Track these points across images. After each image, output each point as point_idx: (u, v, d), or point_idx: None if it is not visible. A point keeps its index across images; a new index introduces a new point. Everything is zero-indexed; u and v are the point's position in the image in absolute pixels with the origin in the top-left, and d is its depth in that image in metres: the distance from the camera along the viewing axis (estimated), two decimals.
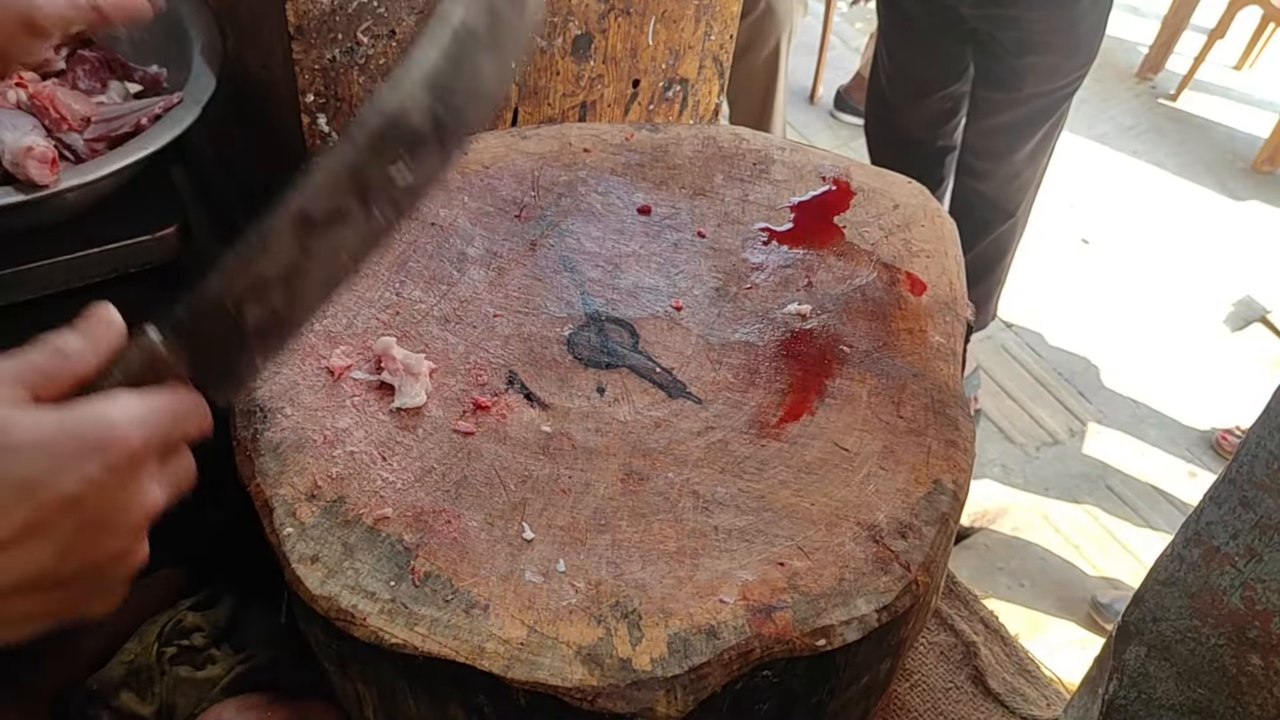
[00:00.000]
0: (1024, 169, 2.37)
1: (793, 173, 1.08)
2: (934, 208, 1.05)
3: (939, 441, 0.82)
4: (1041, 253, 3.18)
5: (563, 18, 1.22)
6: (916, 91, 2.39)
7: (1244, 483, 0.63)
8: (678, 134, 1.12)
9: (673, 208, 1.03)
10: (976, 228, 2.44)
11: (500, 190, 1.02)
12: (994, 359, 2.90)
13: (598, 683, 0.65)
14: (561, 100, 1.29)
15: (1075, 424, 2.75)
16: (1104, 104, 3.98)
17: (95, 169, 1.06)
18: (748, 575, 0.71)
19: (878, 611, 0.70)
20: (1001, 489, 2.56)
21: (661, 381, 0.86)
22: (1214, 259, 3.33)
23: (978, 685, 1.03)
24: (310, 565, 0.69)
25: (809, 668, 0.70)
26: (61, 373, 0.55)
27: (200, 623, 0.96)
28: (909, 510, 0.77)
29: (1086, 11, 2.06)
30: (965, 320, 0.95)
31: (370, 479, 0.75)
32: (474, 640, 0.66)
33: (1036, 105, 2.24)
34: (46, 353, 0.55)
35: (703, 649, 0.67)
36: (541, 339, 0.89)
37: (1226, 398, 2.85)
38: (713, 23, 1.36)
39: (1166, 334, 3.05)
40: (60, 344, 0.56)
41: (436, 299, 0.91)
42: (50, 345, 0.56)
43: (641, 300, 0.93)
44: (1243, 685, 0.66)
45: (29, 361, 0.55)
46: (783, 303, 0.94)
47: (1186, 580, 0.68)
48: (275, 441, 0.77)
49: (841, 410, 0.84)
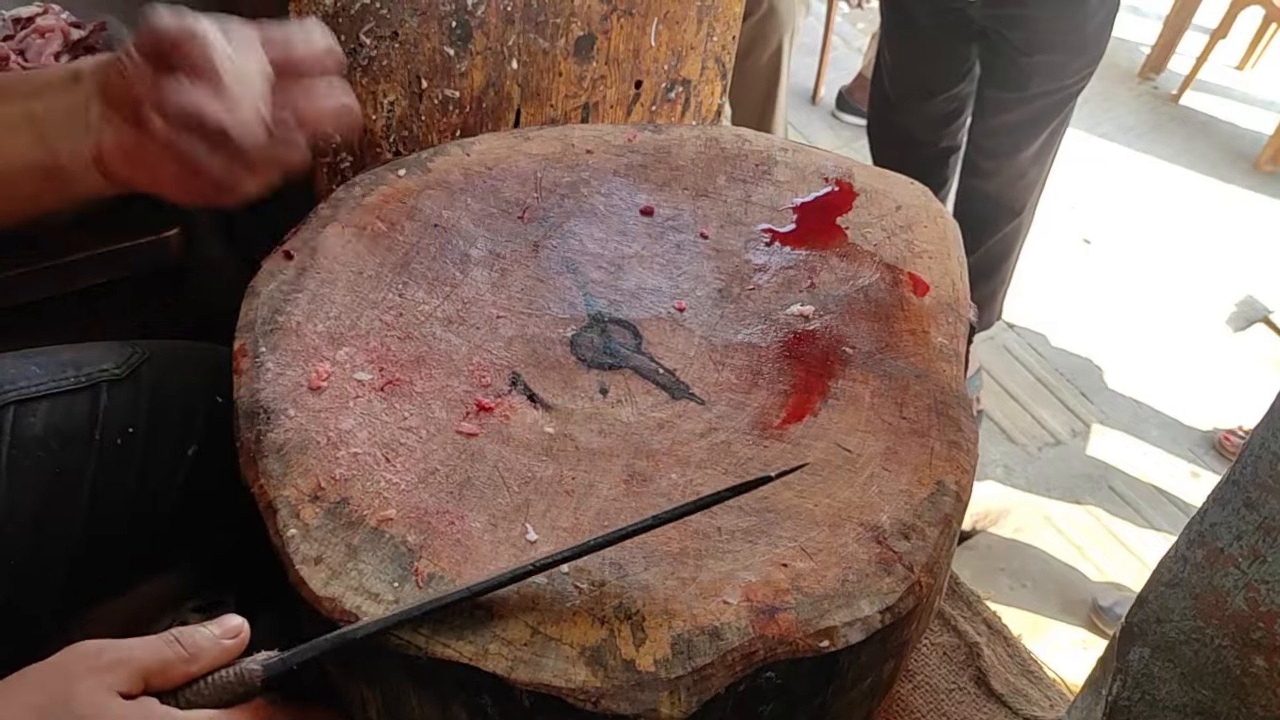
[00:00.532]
0: (1030, 168, 2.36)
1: (795, 174, 1.08)
2: (936, 208, 1.05)
3: (942, 442, 0.82)
4: (1044, 253, 3.17)
5: (565, 19, 1.22)
6: (920, 92, 2.38)
7: (1248, 484, 0.63)
8: (680, 135, 1.12)
9: (675, 209, 1.03)
10: (982, 227, 2.44)
11: (503, 192, 1.02)
12: (996, 359, 2.89)
13: (601, 684, 0.65)
14: (564, 101, 1.30)
15: (1078, 424, 2.75)
16: (1106, 104, 3.98)
17: None
18: (751, 576, 0.71)
19: (881, 612, 0.70)
20: (1004, 489, 2.55)
21: (664, 383, 0.86)
22: (1216, 259, 3.32)
23: (980, 686, 1.03)
24: (314, 566, 0.69)
25: (812, 669, 0.70)
26: (177, 671, 0.62)
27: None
28: (912, 511, 0.77)
29: (1095, 9, 2.06)
30: (968, 321, 0.95)
31: (374, 480, 0.75)
32: (478, 641, 0.66)
33: (1043, 104, 2.23)
34: (176, 651, 0.63)
35: (706, 650, 0.67)
36: (544, 340, 0.89)
37: (1229, 398, 2.84)
38: (715, 24, 1.36)
39: (1169, 334, 3.04)
40: (192, 646, 0.63)
41: (440, 300, 0.91)
42: (184, 644, 0.63)
43: (644, 301, 0.93)
44: (1246, 686, 0.66)
45: (159, 654, 0.62)
46: (785, 304, 0.94)
47: (1190, 581, 0.68)
48: (279, 443, 0.77)
49: (844, 411, 0.85)
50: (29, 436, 0.82)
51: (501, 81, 1.22)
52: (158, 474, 0.89)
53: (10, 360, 0.87)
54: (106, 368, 0.88)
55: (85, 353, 0.90)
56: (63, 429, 0.84)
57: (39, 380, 0.85)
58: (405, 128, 1.19)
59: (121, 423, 0.87)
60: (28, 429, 0.83)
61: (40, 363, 0.87)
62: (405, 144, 1.20)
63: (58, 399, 0.85)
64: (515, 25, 1.18)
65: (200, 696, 0.63)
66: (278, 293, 0.88)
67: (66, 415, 0.85)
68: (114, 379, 0.88)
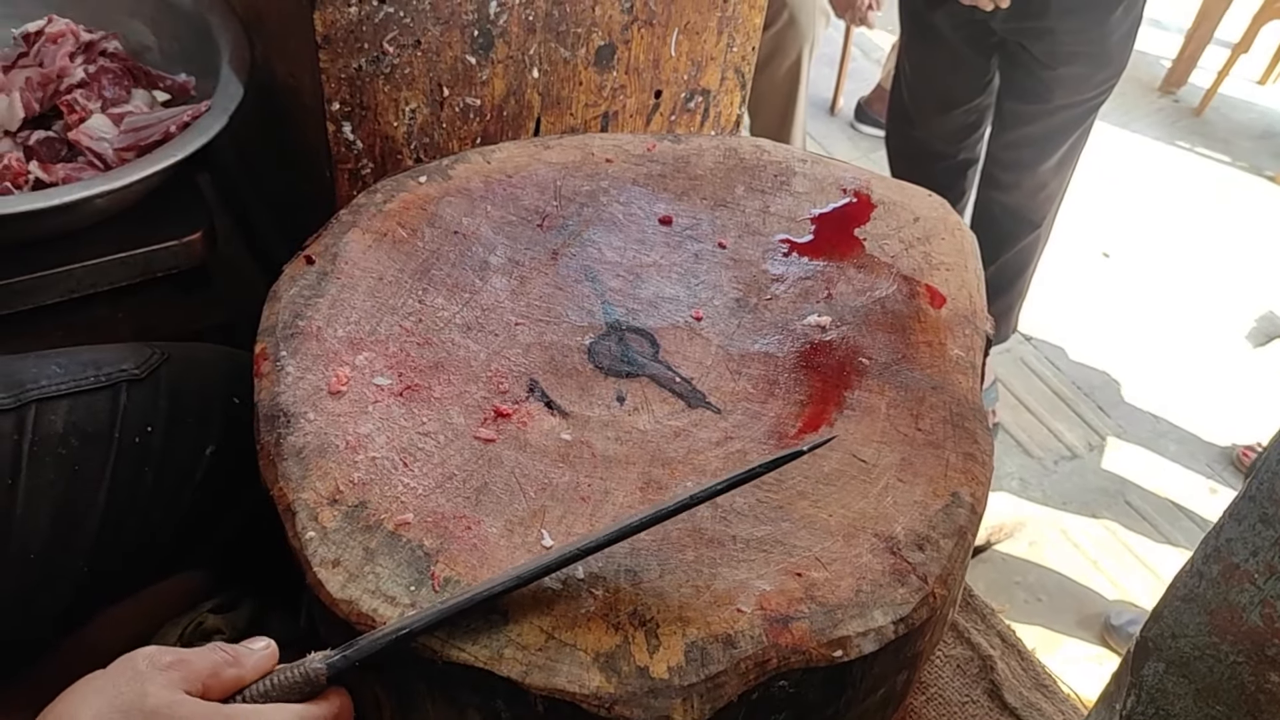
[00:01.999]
0: (1050, 180, 2.36)
1: (813, 185, 1.08)
2: (954, 220, 1.06)
3: (957, 454, 0.82)
4: (1062, 266, 3.16)
5: (586, 29, 1.23)
6: (940, 105, 2.38)
7: (1264, 499, 0.63)
8: (699, 145, 1.12)
9: (694, 218, 1.03)
10: (1001, 240, 2.43)
11: (523, 199, 1.03)
12: (1013, 372, 2.88)
13: (615, 690, 0.65)
14: (584, 110, 1.30)
15: (1094, 438, 2.74)
16: (1127, 118, 3.96)
17: (124, 175, 1.08)
18: (765, 585, 0.71)
19: (894, 623, 0.70)
20: (1019, 502, 2.54)
21: (681, 391, 0.87)
22: (1236, 274, 3.30)
23: (994, 699, 1.03)
24: (332, 569, 0.70)
25: (825, 678, 0.70)
26: (229, 676, 0.64)
27: (221, 625, 0.97)
28: (926, 522, 0.77)
29: (1119, 22, 2.05)
30: (984, 333, 0.95)
31: (392, 484, 0.76)
32: (492, 646, 0.66)
33: (1064, 116, 2.23)
34: (225, 657, 0.64)
35: (720, 658, 0.67)
36: (562, 347, 0.89)
37: (1248, 414, 2.82)
38: (735, 34, 1.36)
39: (1187, 349, 3.03)
40: (237, 654, 0.65)
41: (459, 307, 0.91)
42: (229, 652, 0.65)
43: (662, 310, 0.94)
44: (1261, 703, 0.66)
45: (210, 659, 0.64)
46: (802, 314, 0.94)
47: (1206, 597, 0.67)
48: (298, 446, 0.77)
49: (860, 422, 0.85)
50: (49, 434, 0.84)
51: (523, 90, 1.23)
52: (175, 473, 0.90)
53: (32, 360, 0.88)
54: (126, 368, 0.89)
55: (106, 353, 0.91)
56: (83, 427, 0.85)
57: (60, 379, 0.86)
58: (427, 135, 1.20)
59: (140, 422, 0.88)
60: (48, 427, 0.84)
61: (61, 362, 0.88)
62: (426, 151, 1.21)
63: (78, 398, 0.86)
64: (537, 34, 1.19)
65: (265, 697, 0.64)
66: (299, 297, 0.89)
67: (87, 414, 0.86)
68: (134, 379, 0.89)
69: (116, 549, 0.87)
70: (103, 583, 0.89)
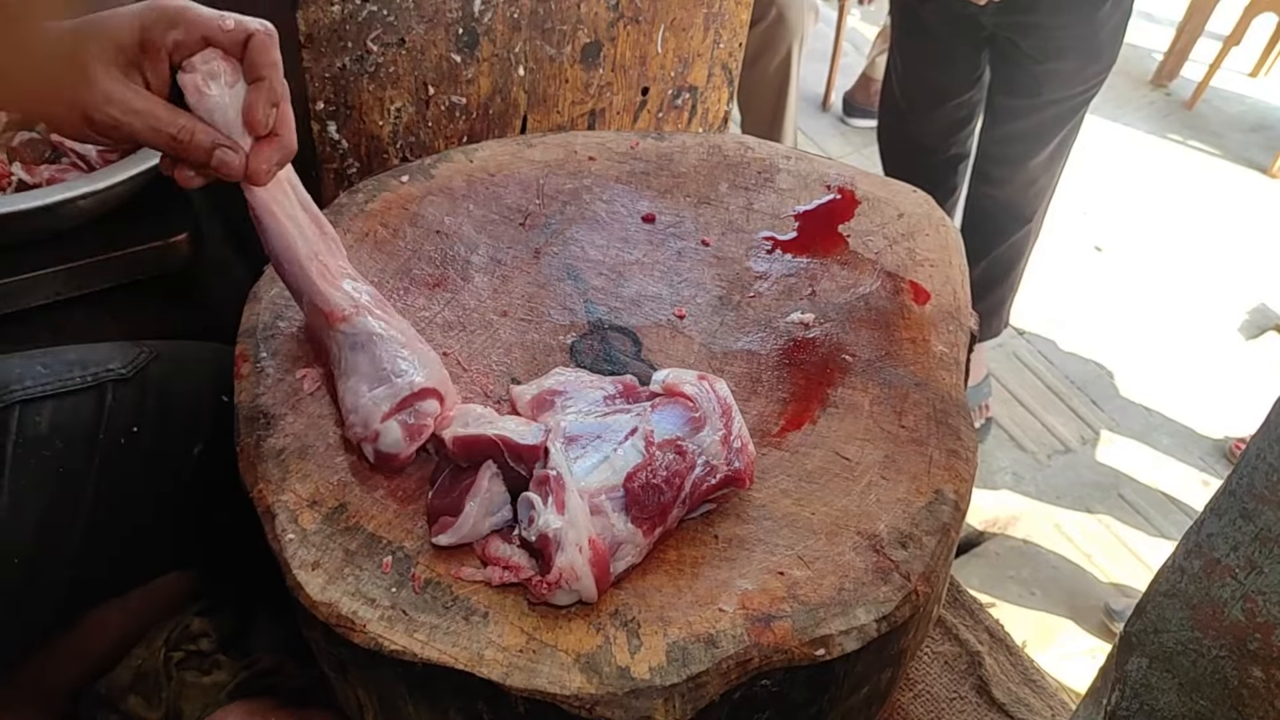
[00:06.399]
0: (1041, 174, 2.35)
1: (798, 181, 1.08)
2: (939, 216, 1.05)
3: (941, 451, 0.82)
4: (1054, 260, 3.16)
5: (572, 26, 1.22)
6: (931, 99, 2.37)
7: (1244, 494, 0.63)
8: (683, 142, 1.12)
9: (677, 216, 1.03)
10: (992, 235, 2.43)
11: (505, 198, 1.02)
12: (1006, 366, 2.88)
13: (596, 691, 0.65)
14: (571, 108, 1.30)
15: (1088, 432, 2.74)
16: (1118, 111, 3.96)
17: (107, 177, 1.07)
18: (747, 584, 0.71)
19: (877, 621, 0.70)
20: (1013, 497, 2.54)
21: None
22: (1228, 266, 3.30)
23: (982, 695, 1.03)
24: (311, 571, 0.70)
25: (808, 677, 0.70)
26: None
27: (207, 628, 0.97)
28: (910, 520, 0.77)
29: (1108, 16, 2.05)
30: (969, 329, 0.95)
31: (372, 487, 0.76)
32: (473, 647, 0.66)
33: (1055, 111, 2.22)
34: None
35: (701, 658, 0.67)
36: (545, 346, 0.89)
37: (1240, 406, 2.82)
38: (721, 31, 1.36)
39: (1180, 342, 3.03)
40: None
41: (440, 306, 0.91)
42: None
43: (644, 308, 0.94)
44: (1244, 697, 0.66)
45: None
46: (786, 311, 0.94)
47: (1188, 592, 0.67)
48: (278, 448, 0.77)
49: (843, 419, 0.85)
50: (34, 436, 0.83)
51: (509, 88, 1.23)
52: (163, 473, 0.89)
53: (17, 360, 0.87)
54: (112, 368, 0.89)
55: (91, 353, 0.90)
56: (68, 428, 0.85)
57: (44, 380, 0.86)
58: (412, 134, 1.19)
59: (126, 422, 0.87)
60: (33, 428, 0.83)
61: (46, 362, 0.87)
62: (412, 150, 1.21)
63: (63, 398, 0.86)
64: (522, 32, 1.19)
65: None
66: (280, 298, 0.88)
67: (72, 415, 0.85)
68: (119, 379, 0.89)
69: (103, 550, 0.87)
70: (90, 584, 0.89)
